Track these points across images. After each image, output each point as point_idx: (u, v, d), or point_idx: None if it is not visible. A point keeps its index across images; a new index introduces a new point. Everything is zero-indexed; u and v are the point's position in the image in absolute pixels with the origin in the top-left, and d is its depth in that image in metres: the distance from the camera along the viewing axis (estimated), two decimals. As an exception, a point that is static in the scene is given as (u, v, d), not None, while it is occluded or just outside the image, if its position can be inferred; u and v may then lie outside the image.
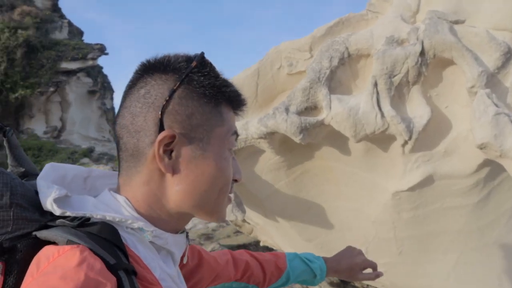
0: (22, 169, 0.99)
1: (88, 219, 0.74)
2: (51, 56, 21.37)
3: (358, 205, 2.91)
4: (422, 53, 2.46)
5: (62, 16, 25.06)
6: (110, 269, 0.67)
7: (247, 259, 1.27)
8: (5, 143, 0.99)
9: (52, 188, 0.77)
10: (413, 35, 2.52)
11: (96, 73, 24.64)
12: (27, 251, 0.71)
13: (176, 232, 0.87)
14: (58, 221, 0.73)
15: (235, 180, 0.88)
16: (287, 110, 2.49)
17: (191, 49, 0.78)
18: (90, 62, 21.92)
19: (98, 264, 0.66)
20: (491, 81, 2.51)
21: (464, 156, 2.61)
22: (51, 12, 24.14)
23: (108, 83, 26.50)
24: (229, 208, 2.54)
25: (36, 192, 0.79)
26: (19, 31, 21.38)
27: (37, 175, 0.84)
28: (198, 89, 0.80)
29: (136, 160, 0.80)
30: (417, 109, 2.51)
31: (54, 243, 0.70)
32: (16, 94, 20.69)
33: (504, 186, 2.80)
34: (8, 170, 0.95)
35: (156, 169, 0.79)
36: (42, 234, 0.72)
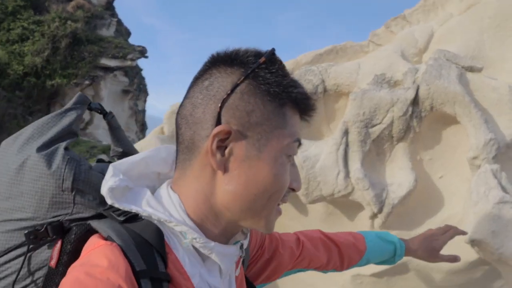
0: (121, 150, 1.06)
1: (137, 215, 0.75)
2: (93, 50, 22.23)
3: (313, 280, 2.27)
4: (416, 101, 1.85)
5: (113, 15, 25.76)
6: (135, 275, 0.66)
7: (330, 245, 1.25)
8: (107, 126, 1.07)
9: (115, 176, 0.77)
10: (409, 77, 1.91)
11: (134, 73, 24.97)
12: (81, 234, 0.75)
13: (226, 242, 0.82)
14: (108, 213, 0.76)
15: (293, 190, 0.81)
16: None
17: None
18: (128, 62, 22.16)
19: (123, 268, 0.65)
20: (506, 154, 1.87)
21: (455, 246, 1.95)
22: (103, 9, 24.78)
23: (145, 85, 27.04)
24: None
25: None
26: (69, 22, 22.06)
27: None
28: (263, 86, 0.75)
29: (191, 153, 0.78)
30: (398, 174, 1.89)
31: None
32: (53, 82, 21.20)
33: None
34: (110, 150, 1.07)
35: (208, 165, 0.76)
36: (93, 223, 0.74)
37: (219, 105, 0.74)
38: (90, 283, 0.62)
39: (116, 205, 0.75)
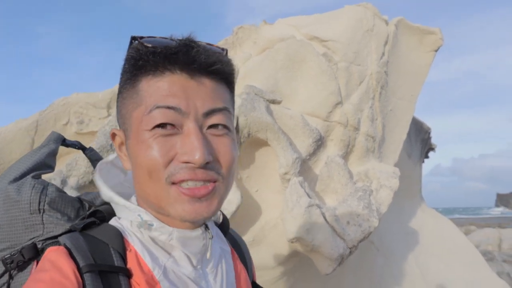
0: None
1: (95, 221, 0.77)
2: None
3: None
4: (236, 130, 2.20)
5: None
6: (79, 271, 0.67)
7: None
8: (89, 160, 1.09)
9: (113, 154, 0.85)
10: (228, 109, 2.25)
11: None
12: None
13: (189, 228, 0.76)
14: (72, 226, 0.77)
15: (188, 163, 0.69)
16: (63, 182, 1.86)
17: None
18: None
19: (65, 266, 0.66)
20: (303, 167, 2.41)
21: (273, 246, 2.39)
22: None
23: None
24: None
25: (78, 199, 0.89)
26: None
27: None
28: (123, 78, 0.74)
29: None
30: (228, 192, 2.20)
31: None
32: None
33: (307, 275, 2.68)
34: None
35: (129, 169, 0.78)
36: (60, 238, 0.74)
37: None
38: (39, 286, 0.64)
39: (97, 177, 0.81)
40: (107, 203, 0.85)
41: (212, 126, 0.71)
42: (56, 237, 0.80)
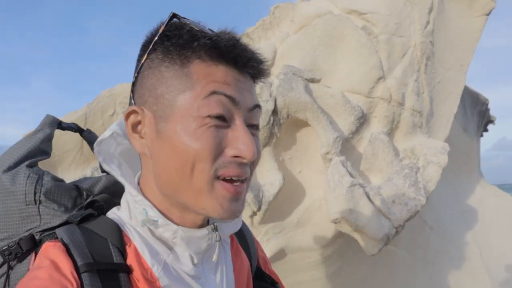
0: None
1: (93, 214, 0.75)
2: None
3: None
4: (275, 111, 2.17)
5: None
6: (77, 270, 0.65)
7: None
8: (87, 143, 1.08)
9: (110, 131, 0.78)
10: (265, 91, 2.22)
11: None
12: None
13: (196, 227, 0.74)
14: (69, 218, 0.76)
15: (238, 157, 0.66)
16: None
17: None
18: None
19: (63, 265, 0.65)
20: (345, 146, 2.34)
21: (318, 227, 2.36)
22: None
23: None
24: None
25: (75, 187, 0.86)
26: None
27: None
28: (161, 55, 0.68)
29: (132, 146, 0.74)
30: (268, 174, 2.19)
31: None
32: None
33: (355, 257, 2.63)
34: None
35: (141, 153, 0.72)
36: (57, 230, 0.72)
37: (131, 90, 0.74)
38: (32, 285, 0.62)
39: (100, 160, 0.76)
40: (105, 192, 0.86)
41: (250, 126, 0.70)
42: (53, 228, 0.80)
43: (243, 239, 0.93)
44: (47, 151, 0.94)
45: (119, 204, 0.79)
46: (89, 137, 1.09)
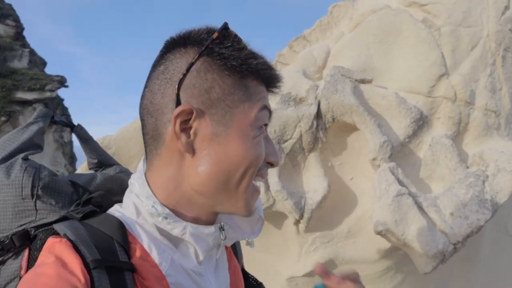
0: (96, 160, 1.07)
1: (96, 211, 0.75)
2: (6, 84, 20.69)
3: None
4: (319, 115, 2.07)
5: (24, 45, 24.38)
6: (86, 267, 0.65)
7: None
8: (78, 139, 1.08)
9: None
10: (311, 94, 2.13)
11: (55, 104, 23.84)
12: (46, 239, 0.72)
13: (203, 224, 0.77)
14: (69, 214, 0.76)
15: (271, 164, 0.77)
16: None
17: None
18: (47, 94, 21.11)
19: (71, 261, 0.64)
20: (401, 151, 2.14)
21: (372, 238, 2.19)
22: (12, 41, 23.44)
23: (68, 115, 25.69)
24: None
25: (72, 183, 0.84)
26: (-26, 57, 20.66)
27: (112, 165, 1.05)
28: (219, 61, 0.72)
29: (156, 142, 0.75)
30: (313, 181, 2.09)
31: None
32: (-34, 122, 19.66)
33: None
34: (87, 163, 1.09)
35: (176, 150, 0.73)
36: (56, 226, 0.72)
37: (176, 86, 0.72)
38: (43, 281, 0.61)
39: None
40: (101, 189, 0.85)
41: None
42: (49, 224, 0.78)
43: None
44: (40, 144, 0.93)
45: (116, 202, 0.80)
46: (81, 133, 1.08)
